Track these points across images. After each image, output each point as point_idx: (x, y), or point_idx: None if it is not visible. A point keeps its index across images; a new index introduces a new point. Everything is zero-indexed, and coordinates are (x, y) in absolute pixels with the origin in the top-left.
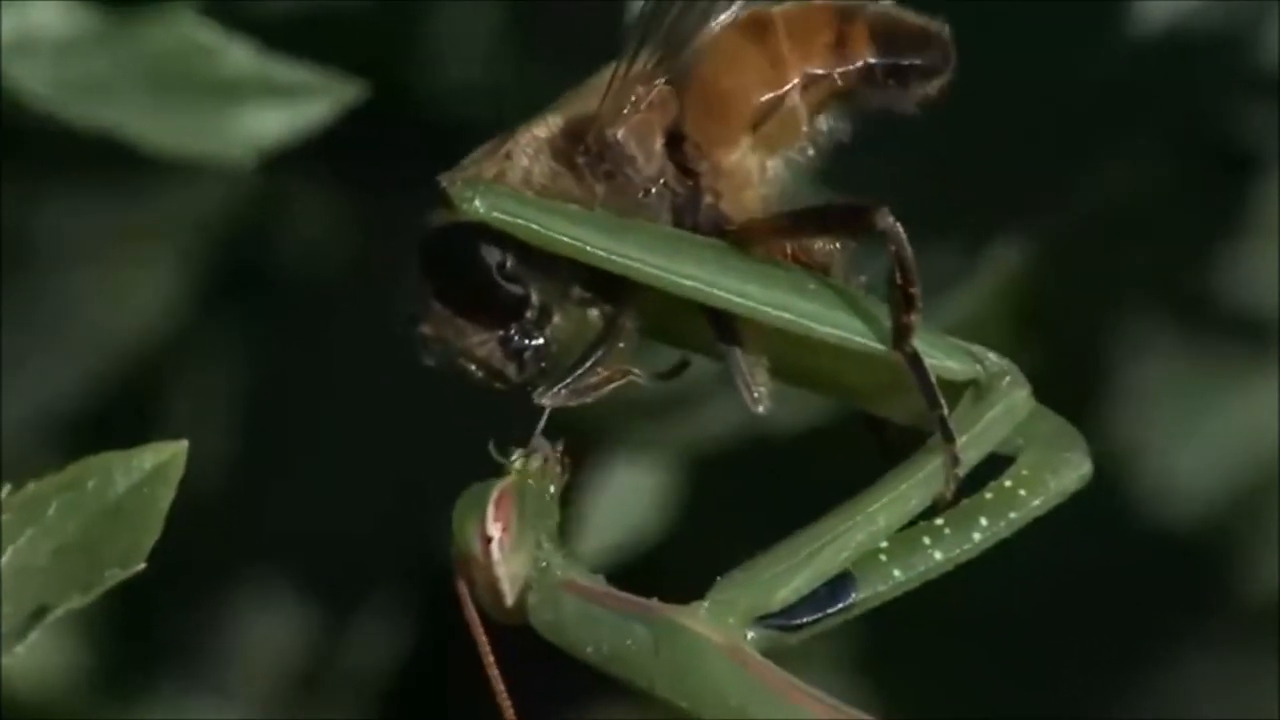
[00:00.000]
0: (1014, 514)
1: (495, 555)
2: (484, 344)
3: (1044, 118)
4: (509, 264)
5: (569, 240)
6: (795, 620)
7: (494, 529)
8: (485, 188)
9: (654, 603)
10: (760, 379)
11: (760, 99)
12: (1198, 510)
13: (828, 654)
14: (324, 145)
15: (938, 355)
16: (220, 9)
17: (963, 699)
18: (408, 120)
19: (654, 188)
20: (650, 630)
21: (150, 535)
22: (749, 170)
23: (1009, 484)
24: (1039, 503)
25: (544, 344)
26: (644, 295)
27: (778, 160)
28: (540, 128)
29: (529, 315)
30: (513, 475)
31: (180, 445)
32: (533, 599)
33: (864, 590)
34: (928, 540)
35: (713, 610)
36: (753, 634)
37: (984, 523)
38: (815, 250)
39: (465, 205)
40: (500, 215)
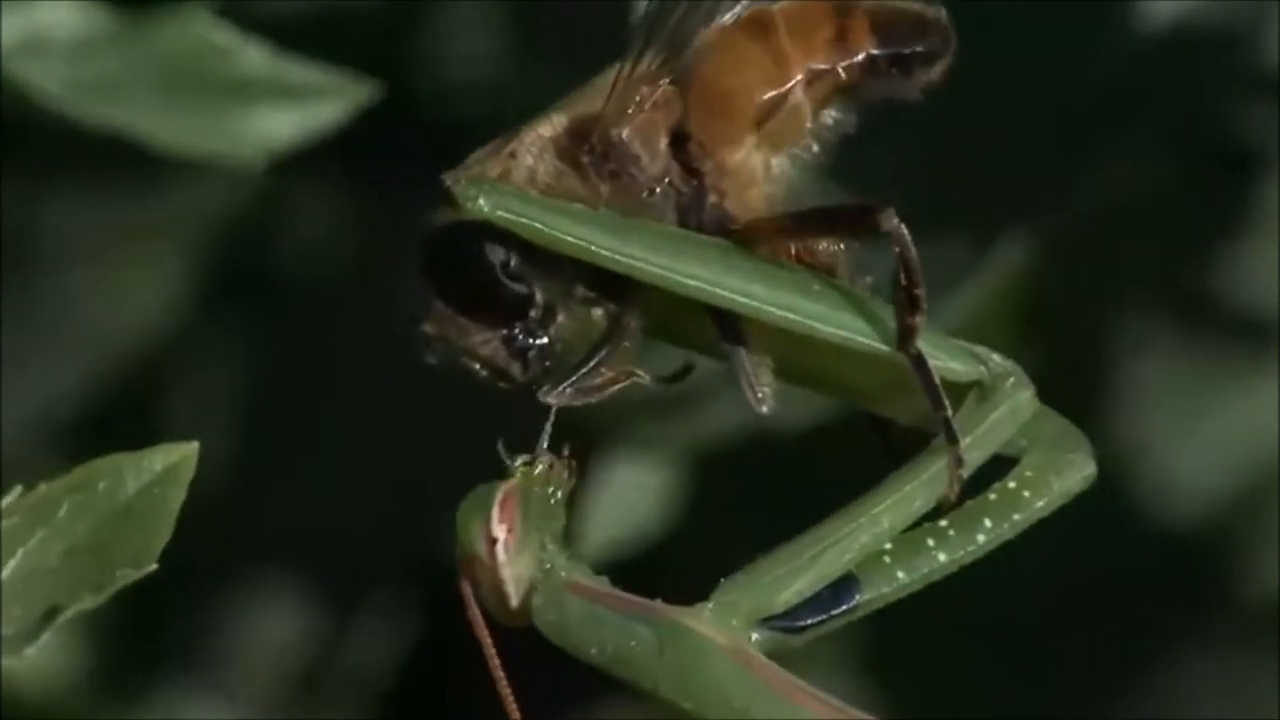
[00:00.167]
0: (1018, 515)
1: (500, 557)
2: (488, 343)
3: (1044, 117)
4: (513, 263)
5: (573, 239)
6: (799, 622)
7: (499, 530)
8: (490, 186)
9: (658, 604)
10: (764, 379)
11: (764, 97)
12: (1198, 510)
13: (831, 655)
14: (326, 145)
15: (942, 356)
16: (227, 9)
17: (966, 699)
18: (410, 120)
19: (659, 187)
20: (654, 632)
21: (161, 536)
22: (753, 169)
23: (1013, 485)
24: (1043, 504)
25: (548, 343)
26: (648, 295)
27: (782, 158)
28: (545, 127)
29: (533, 314)
30: (518, 477)
31: (191, 447)
32: (537, 600)
33: (868, 592)
34: (932, 542)
35: (717, 612)
36: (757, 635)
37: (988, 524)
38: (820, 251)
39: (470, 204)
40: (505, 214)
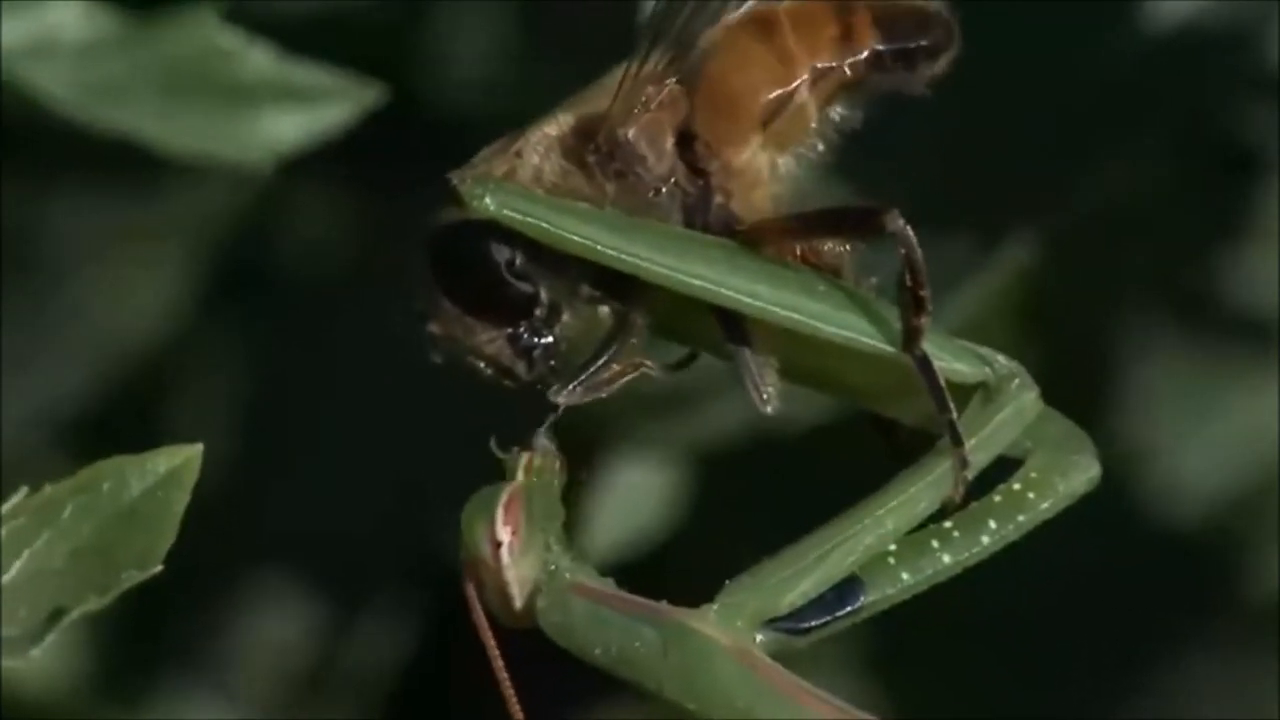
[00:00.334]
0: (1022, 517)
1: (505, 559)
2: (493, 342)
3: (1045, 117)
4: (519, 262)
5: (579, 239)
6: (804, 623)
7: (503, 533)
8: (496, 185)
9: (663, 605)
10: (769, 379)
11: (769, 96)
12: (1199, 511)
13: (836, 656)
14: (329, 146)
15: (947, 358)
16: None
17: (969, 700)
18: (412, 120)
19: (664, 187)
20: (659, 633)
21: (165, 538)
22: (759, 168)
23: (1018, 487)
24: (1047, 505)
25: (553, 342)
26: (653, 294)
27: (788, 157)
28: (551, 126)
29: (538, 313)
30: (521, 478)
31: (195, 449)
32: (542, 602)
33: (872, 593)
34: (936, 543)
35: (721, 613)
36: (761, 637)
37: (993, 526)
38: (825, 251)
39: (476, 203)
40: (510, 213)
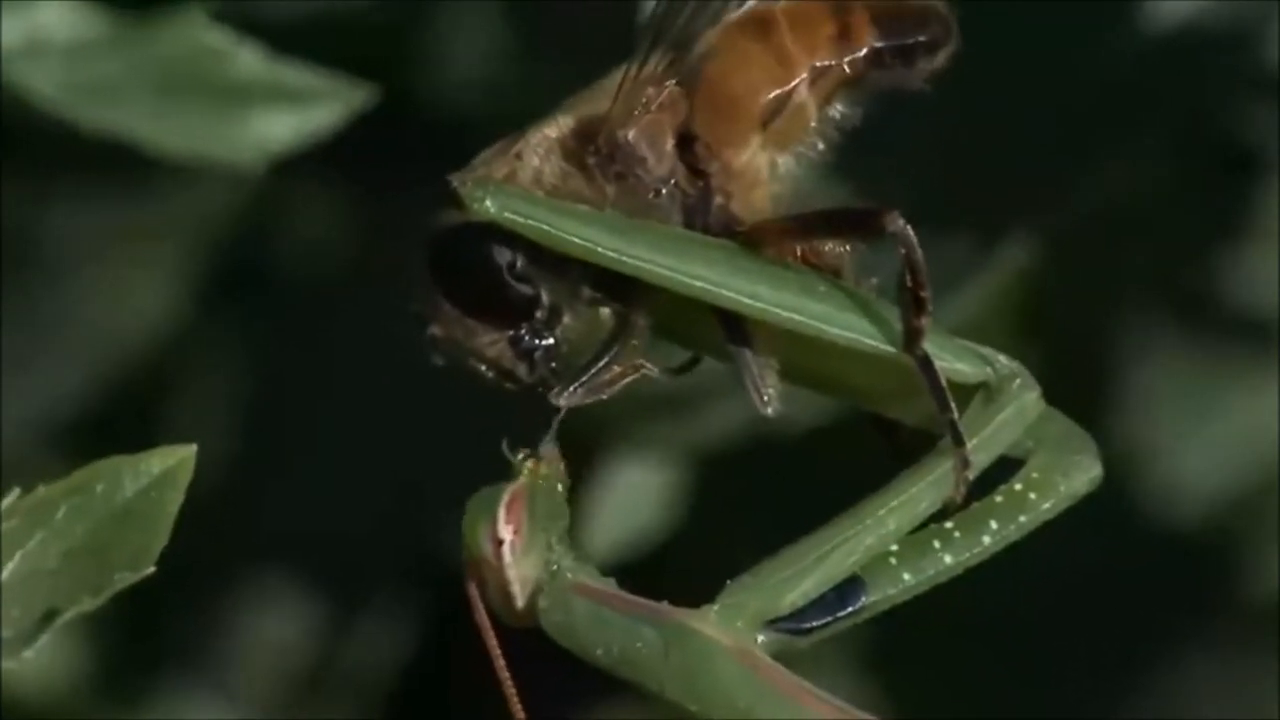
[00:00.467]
0: (1024, 517)
1: (507, 558)
2: (494, 344)
3: (1045, 117)
4: (519, 264)
5: (580, 241)
6: (805, 624)
7: (505, 532)
8: (496, 188)
9: (664, 606)
10: (769, 380)
11: (769, 96)
12: (1199, 511)
13: (836, 657)
14: (326, 145)
15: (948, 358)
16: (224, 11)
17: (969, 700)
18: (410, 121)
19: (665, 188)
20: (660, 633)
21: (159, 539)
22: (759, 169)
23: (1019, 487)
24: (1049, 506)
25: (554, 344)
26: (654, 296)
27: (788, 157)
28: (551, 128)
29: (539, 315)
30: (524, 478)
31: (189, 450)
32: (543, 602)
33: (873, 594)
34: (938, 544)
35: (722, 614)
36: (762, 637)
37: (994, 526)
38: (825, 252)
39: (476, 205)
40: (511, 215)
